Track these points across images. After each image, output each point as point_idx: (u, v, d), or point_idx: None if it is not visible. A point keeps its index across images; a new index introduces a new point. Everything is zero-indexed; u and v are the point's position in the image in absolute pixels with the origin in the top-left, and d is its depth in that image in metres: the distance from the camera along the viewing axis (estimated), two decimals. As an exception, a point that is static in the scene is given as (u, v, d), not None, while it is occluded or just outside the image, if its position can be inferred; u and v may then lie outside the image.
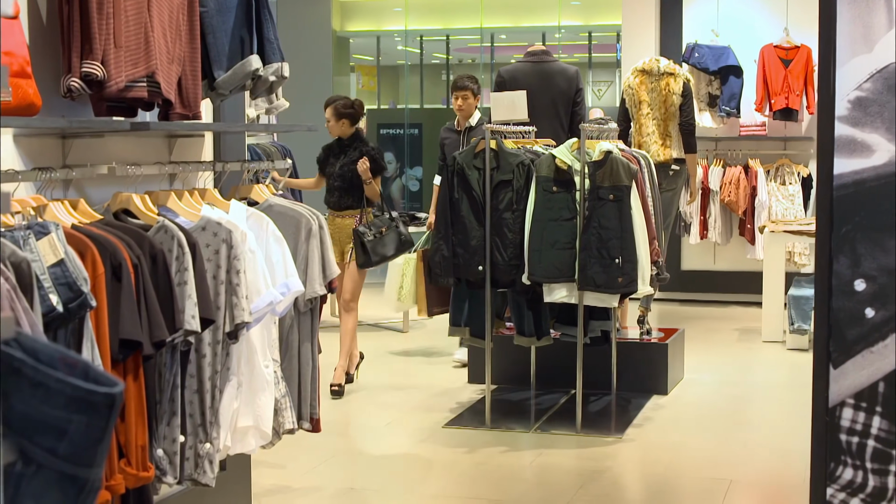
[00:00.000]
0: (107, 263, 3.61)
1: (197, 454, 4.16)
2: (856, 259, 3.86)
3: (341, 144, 8.33)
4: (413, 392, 8.06)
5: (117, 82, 3.96)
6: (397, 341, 10.38)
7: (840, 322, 3.88)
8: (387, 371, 9.02)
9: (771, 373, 8.99)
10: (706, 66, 11.65)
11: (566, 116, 8.54)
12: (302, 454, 6.39)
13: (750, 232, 11.61)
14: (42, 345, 1.70)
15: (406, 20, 19.41)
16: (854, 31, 3.82)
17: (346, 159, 8.20)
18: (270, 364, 4.52)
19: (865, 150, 3.83)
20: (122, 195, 4.17)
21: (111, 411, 1.74)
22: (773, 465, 6.36)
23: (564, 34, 19.49)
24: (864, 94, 3.82)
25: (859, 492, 3.92)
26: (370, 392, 8.16)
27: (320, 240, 4.77)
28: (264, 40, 4.73)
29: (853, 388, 3.90)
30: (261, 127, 7.98)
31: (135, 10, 4.05)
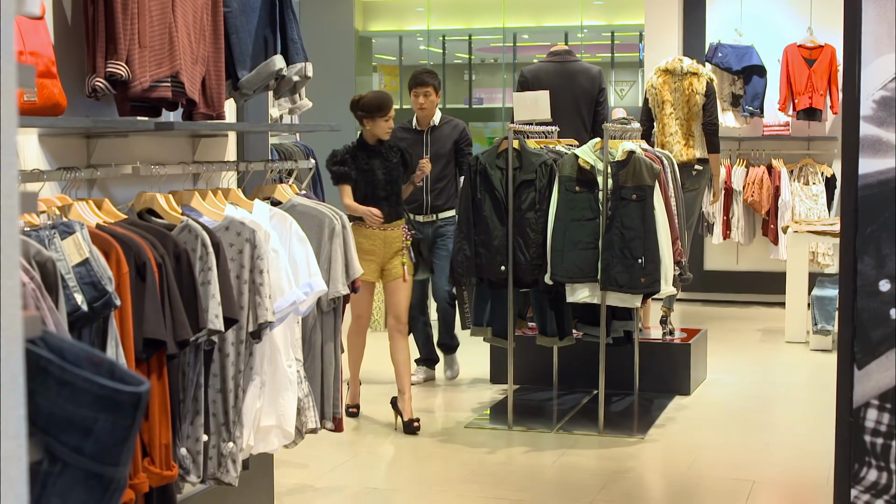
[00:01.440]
0: (131, 263, 3.62)
1: (220, 453, 4.17)
2: (880, 259, 3.84)
3: (371, 147, 7.11)
4: (435, 392, 8.06)
5: (142, 82, 3.97)
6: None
7: (864, 322, 3.87)
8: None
9: (794, 373, 8.96)
10: (729, 65, 11.61)
11: (589, 116, 8.52)
12: (324, 454, 6.40)
13: (773, 232, 11.57)
14: (68, 343, 1.71)
15: (428, 20, 19.41)
16: (879, 31, 3.81)
17: (388, 163, 7.08)
18: (293, 363, 4.53)
19: (890, 150, 3.82)
20: (146, 195, 4.18)
21: (137, 410, 1.75)
22: (796, 466, 6.34)
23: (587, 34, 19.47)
24: (889, 94, 3.80)
25: (884, 493, 3.90)
26: (393, 391, 8.16)
27: (343, 239, 4.78)
28: (288, 40, 4.74)
29: (878, 388, 3.88)
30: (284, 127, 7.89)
31: (159, 10, 4.06)
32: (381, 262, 7.05)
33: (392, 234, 7.06)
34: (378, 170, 7.02)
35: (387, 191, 7.02)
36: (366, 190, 7.00)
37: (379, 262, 7.04)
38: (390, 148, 7.11)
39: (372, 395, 7.91)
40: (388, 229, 7.03)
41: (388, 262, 7.06)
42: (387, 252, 7.04)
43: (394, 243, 7.05)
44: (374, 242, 7.01)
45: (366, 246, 6.91)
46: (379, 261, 7.04)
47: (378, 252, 7.02)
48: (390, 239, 7.05)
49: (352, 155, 7.07)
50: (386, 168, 7.03)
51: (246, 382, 4.27)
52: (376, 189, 7.02)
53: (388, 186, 7.02)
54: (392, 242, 7.05)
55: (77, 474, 1.71)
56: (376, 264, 7.03)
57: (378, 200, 6.99)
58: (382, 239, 7.02)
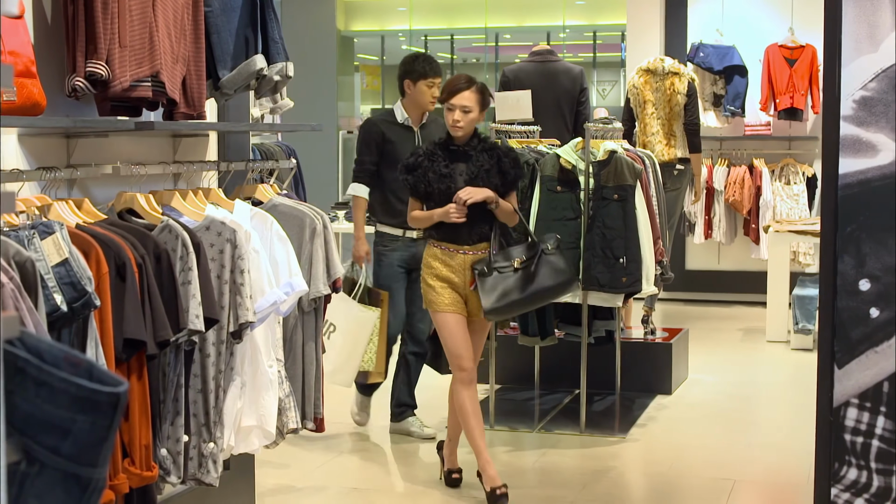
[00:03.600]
0: (111, 263, 3.61)
1: (201, 454, 4.16)
2: (860, 259, 3.85)
3: (455, 147, 5.65)
4: (418, 392, 8.04)
5: (122, 82, 3.96)
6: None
7: (844, 322, 3.88)
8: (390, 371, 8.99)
9: (775, 373, 8.98)
10: (711, 65, 11.63)
11: (570, 116, 8.53)
12: (305, 454, 6.39)
13: (754, 232, 11.59)
14: (46, 344, 1.70)
15: (410, 20, 19.40)
16: (859, 31, 3.82)
17: (475, 168, 5.58)
18: (274, 364, 4.52)
19: (870, 150, 3.83)
20: (126, 195, 4.17)
21: (115, 411, 1.74)
22: (777, 465, 6.35)
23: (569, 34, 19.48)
24: (869, 94, 3.82)
25: (864, 492, 3.91)
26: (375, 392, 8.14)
27: (324, 239, 4.77)
28: (269, 40, 4.73)
29: (858, 388, 3.90)
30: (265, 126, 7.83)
31: (139, 9, 4.05)
32: (463, 294, 5.62)
33: (476, 256, 5.60)
34: (461, 175, 5.58)
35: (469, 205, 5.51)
36: (441, 201, 5.54)
37: (461, 293, 5.62)
38: (483, 149, 5.63)
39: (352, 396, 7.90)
40: (471, 253, 5.59)
41: (471, 294, 5.61)
42: (468, 281, 5.60)
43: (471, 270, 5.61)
44: (452, 269, 5.59)
45: (442, 272, 5.60)
46: (461, 291, 5.61)
47: (457, 281, 5.60)
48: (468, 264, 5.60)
49: (428, 157, 5.64)
50: (472, 174, 5.56)
51: (227, 383, 4.26)
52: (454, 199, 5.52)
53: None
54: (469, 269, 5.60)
55: (55, 475, 1.71)
56: (458, 294, 5.61)
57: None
58: (462, 265, 5.59)
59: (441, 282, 5.61)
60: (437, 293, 5.60)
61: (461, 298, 5.63)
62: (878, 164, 3.82)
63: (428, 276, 5.63)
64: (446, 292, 5.60)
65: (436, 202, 5.56)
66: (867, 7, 3.80)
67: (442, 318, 5.60)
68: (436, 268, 5.61)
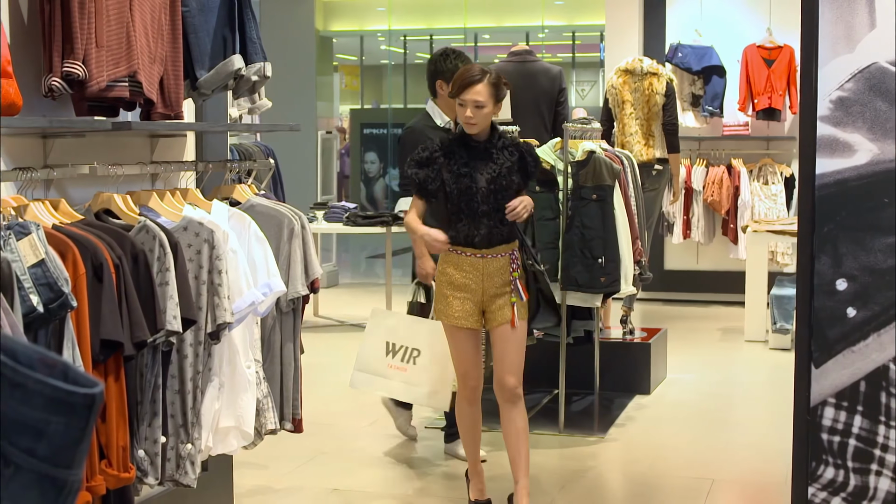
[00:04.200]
0: (88, 264, 3.60)
1: (178, 455, 4.15)
2: (837, 259, 3.87)
3: (474, 144, 5.22)
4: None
5: (98, 82, 3.94)
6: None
7: (821, 321, 3.90)
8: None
9: (753, 372, 9.00)
10: (689, 65, 11.66)
11: (549, 116, 8.52)
12: (284, 455, 6.38)
13: (733, 231, 11.63)
14: (21, 345, 1.69)
15: (389, 20, 19.40)
16: (836, 32, 3.83)
17: (497, 166, 5.19)
18: (252, 364, 4.51)
19: (847, 150, 3.84)
20: (103, 195, 4.15)
21: (90, 412, 1.73)
22: (755, 465, 6.37)
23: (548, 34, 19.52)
24: (845, 94, 3.83)
25: (841, 491, 3.93)
26: (353, 392, 8.14)
27: (303, 240, 4.77)
28: (247, 40, 4.72)
29: (835, 387, 3.91)
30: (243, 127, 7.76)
31: (116, 9, 4.04)
32: (480, 303, 5.22)
33: (493, 263, 5.19)
34: (481, 174, 5.17)
35: (490, 204, 5.15)
36: (459, 201, 5.15)
37: (477, 303, 5.22)
38: (504, 146, 5.24)
39: (330, 396, 7.89)
40: (489, 256, 5.18)
41: (489, 302, 5.22)
42: (488, 288, 5.20)
43: (496, 276, 5.19)
44: (468, 275, 5.19)
45: (457, 279, 5.19)
46: (477, 300, 5.21)
47: (475, 289, 5.19)
48: (491, 271, 5.19)
49: (445, 152, 5.22)
50: (493, 173, 5.16)
51: (204, 383, 4.25)
52: (473, 200, 5.14)
53: (492, 198, 5.15)
54: (493, 275, 5.19)
55: (30, 477, 1.70)
56: (473, 304, 5.21)
57: (476, 217, 5.15)
58: (480, 271, 5.17)
59: (456, 291, 5.20)
60: (449, 304, 5.21)
61: (477, 309, 5.23)
62: (855, 164, 3.83)
63: (443, 284, 5.23)
64: (458, 303, 5.20)
65: (453, 203, 5.14)
66: (844, 8, 3.82)
67: (451, 332, 5.27)
68: (450, 275, 5.21)
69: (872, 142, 3.80)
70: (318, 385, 7.90)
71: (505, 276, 5.21)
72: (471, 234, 5.17)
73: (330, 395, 7.91)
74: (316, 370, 7.99)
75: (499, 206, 5.15)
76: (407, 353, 5.98)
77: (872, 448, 3.88)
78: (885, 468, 3.88)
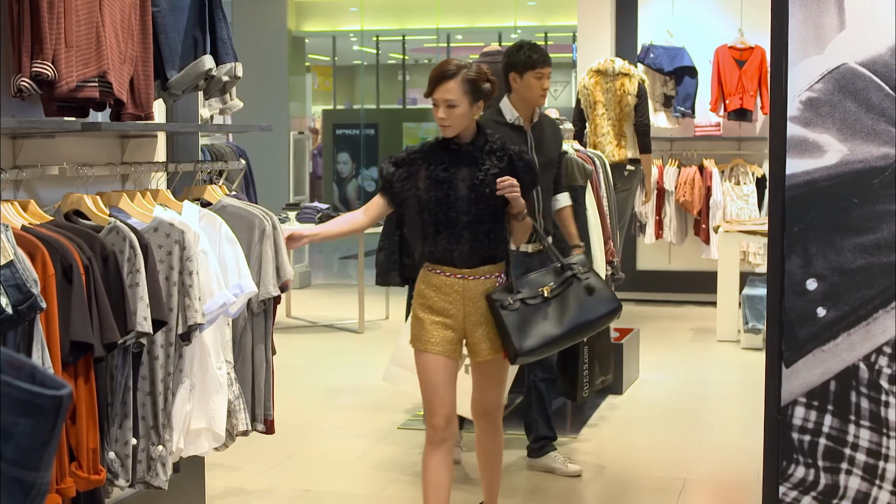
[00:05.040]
0: (57, 265, 3.58)
1: (149, 457, 4.14)
2: (807, 259, 3.88)
3: (456, 147, 4.62)
4: (368, 393, 8.04)
5: (68, 82, 3.92)
6: (353, 342, 10.35)
7: (792, 321, 3.91)
8: (342, 372, 8.99)
9: (725, 372, 9.04)
10: (661, 66, 11.69)
11: (521, 117, 8.54)
12: (256, 456, 6.36)
13: (705, 232, 11.66)
14: (-13, 348, 1.69)
15: (362, 20, 19.39)
16: (805, 33, 3.85)
17: (482, 173, 4.57)
18: (224, 366, 4.50)
19: (817, 151, 3.86)
20: (73, 196, 4.14)
21: (58, 414, 1.72)
22: (727, 464, 6.39)
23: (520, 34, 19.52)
24: (815, 95, 3.84)
25: (811, 490, 3.95)
26: (325, 393, 8.14)
27: (274, 241, 4.75)
28: (217, 40, 4.71)
29: (805, 386, 3.93)
30: (214, 127, 7.71)
31: (86, 9, 4.01)
32: (461, 330, 4.60)
33: (477, 286, 4.57)
34: (463, 181, 4.55)
35: (471, 215, 4.53)
36: (437, 211, 4.55)
37: (458, 330, 4.59)
38: (492, 150, 4.62)
39: (302, 397, 7.88)
40: (471, 278, 4.56)
41: (472, 331, 4.60)
42: (470, 314, 4.57)
43: (480, 301, 4.57)
44: (447, 298, 4.57)
45: (435, 302, 4.59)
46: (458, 327, 4.59)
47: (455, 314, 4.57)
48: (474, 294, 4.56)
49: (425, 156, 4.64)
50: (476, 180, 4.55)
51: (175, 385, 4.24)
52: (452, 210, 4.54)
53: (473, 208, 4.53)
54: (477, 300, 4.57)
55: (-3, 480, 1.69)
56: (453, 332, 4.59)
57: (456, 230, 4.53)
58: (461, 294, 4.56)
59: (433, 315, 4.58)
60: (425, 329, 4.59)
61: (456, 337, 4.60)
62: (825, 164, 3.85)
63: (418, 307, 4.63)
64: (436, 329, 4.57)
65: (430, 213, 4.56)
66: (813, 9, 3.83)
67: (423, 360, 4.60)
68: (428, 296, 4.60)
69: (842, 142, 3.82)
70: (290, 386, 7.88)
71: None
72: (450, 250, 4.56)
73: (302, 397, 7.89)
74: (288, 371, 7.98)
75: (481, 217, 4.53)
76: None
77: (842, 447, 3.90)
78: (855, 467, 3.90)
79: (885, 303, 3.82)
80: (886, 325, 3.82)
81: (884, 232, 3.81)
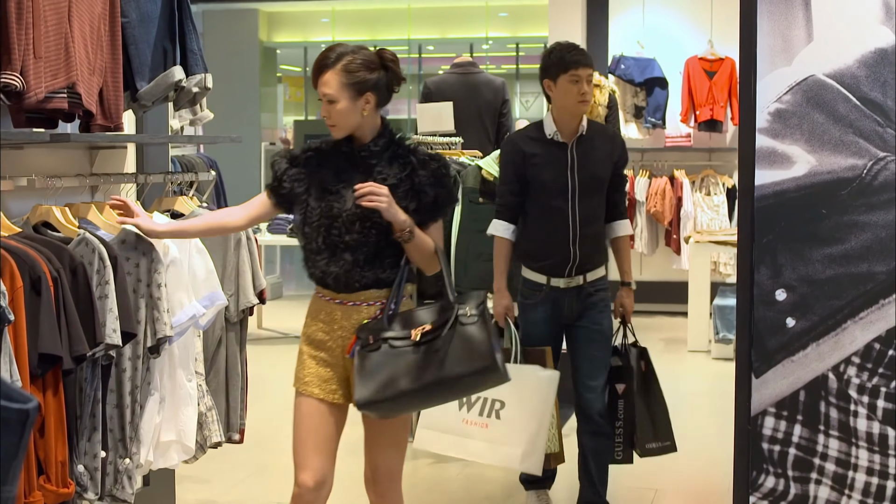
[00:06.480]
0: (25, 277, 3.56)
1: (117, 470, 4.12)
2: (777, 269, 3.90)
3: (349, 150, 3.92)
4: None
5: (37, 93, 3.90)
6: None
7: (761, 332, 3.92)
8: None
9: (696, 382, 9.05)
10: (632, 77, 11.73)
11: (492, 127, 8.56)
12: (227, 469, 6.33)
13: (675, 242, 11.69)
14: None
15: (333, 31, 19.39)
16: (774, 45, 3.86)
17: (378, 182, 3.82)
18: (193, 378, 4.49)
19: (786, 162, 3.87)
20: (41, 208, 4.12)
21: (24, 428, 1.72)
22: (698, 474, 6.40)
23: (492, 45, 19.59)
24: (784, 107, 3.86)
25: (781, 499, 3.96)
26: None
27: (248, 250, 4.76)
28: (187, 51, 4.70)
29: (774, 396, 3.94)
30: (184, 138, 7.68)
31: (55, 20, 4.00)
32: (341, 368, 3.92)
33: (356, 315, 3.87)
34: (351, 193, 3.81)
35: (354, 233, 3.82)
36: (319, 226, 3.85)
37: (337, 367, 3.93)
38: (397, 155, 3.90)
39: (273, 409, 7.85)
40: (350, 304, 3.87)
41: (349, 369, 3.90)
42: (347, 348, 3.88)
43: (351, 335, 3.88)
44: (327, 328, 3.90)
45: (314, 333, 3.95)
46: (337, 364, 3.92)
47: (332, 348, 3.91)
48: (353, 325, 3.87)
49: (321, 155, 3.95)
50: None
51: (144, 398, 4.22)
52: (334, 227, 3.84)
53: (357, 225, 3.81)
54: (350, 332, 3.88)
55: (-38, 494, 1.68)
56: (332, 369, 3.93)
57: (336, 249, 3.84)
58: (338, 324, 3.89)
59: (311, 348, 3.93)
60: (302, 364, 3.96)
61: (334, 376, 3.91)
62: (793, 175, 3.86)
63: (301, 338, 4.00)
64: (313, 365, 3.92)
65: (312, 227, 3.86)
66: (781, 21, 3.85)
67: (296, 403, 3.98)
68: (308, 326, 3.96)
69: (810, 153, 3.84)
70: (261, 398, 7.85)
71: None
72: (327, 272, 3.86)
73: (273, 409, 7.86)
74: (259, 383, 7.94)
75: (366, 238, 3.80)
76: (487, 406, 5.02)
77: (812, 457, 3.91)
78: (825, 476, 3.91)
79: (853, 313, 3.84)
80: (855, 335, 3.84)
81: (852, 243, 3.83)
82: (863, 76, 3.79)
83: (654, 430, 5.40)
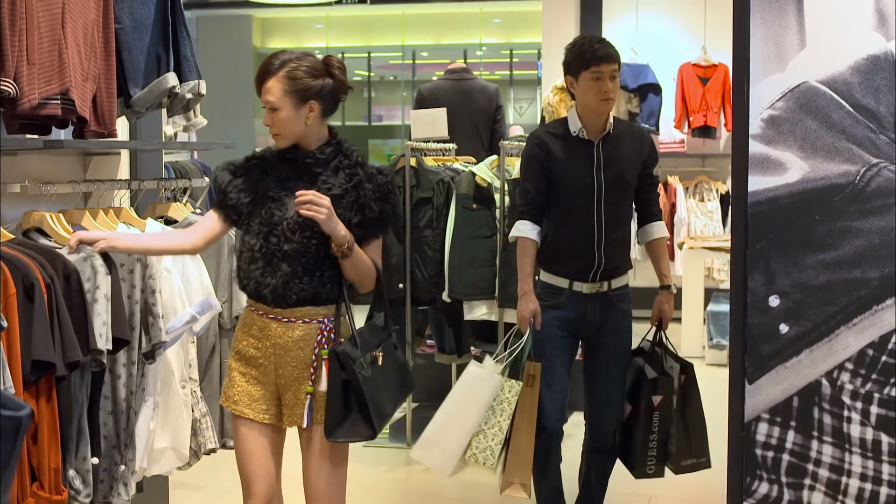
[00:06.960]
0: (18, 284, 3.56)
1: (111, 476, 4.11)
2: (770, 275, 3.90)
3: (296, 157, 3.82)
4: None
5: (30, 99, 3.90)
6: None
7: (755, 338, 3.92)
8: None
9: (690, 388, 9.03)
10: (625, 83, 11.74)
11: (486, 134, 8.57)
12: (220, 475, 6.32)
13: (669, 248, 11.69)
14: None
15: (327, 37, 19.39)
16: (767, 51, 3.87)
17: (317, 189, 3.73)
18: (188, 384, 4.48)
19: (779, 168, 3.88)
20: (35, 214, 4.11)
21: (17, 435, 1.71)
22: (692, 480, 6.39)
23: (486, 51, 19.57)
24: (777, 113, 3.87)
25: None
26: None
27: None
28: (181, 57, 4.70)
29: (768, 403, 3.94)
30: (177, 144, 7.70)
31: (48, 26, 4.00)
32: (273, 386, 3.80)
33: (291, 332, 3.74)
34: (290, 199, 3.73)
35: (294, 243, 3.70)
36: (259, 234, 3.74)
37: (269, 385, 3.80)
38: (341, 167, 3.79)
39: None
40: (285, 321, 3.74)
41: (285, 388, 3.78)
42: (281, 367, 3.76)
43: (294, 351, 3.75)
44: (258, 344, 3.78)
45: (245, 349, 3.83)
46: (269, 382, 3.80)
47: (265, 365, 3.78)
48: (287, 342, 3.75)
49: (263, 163, 3.87)
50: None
51: (138, 404, 4.21)
52: (273, 235, 3.73)
53: (298, 234, 3.69)
54: (290, 349, 3.75)
55: (-45, 502, 1.68)
56: (264, 388, 3.81)
57: (274, 259, 3.72)
58: (272, 340, 3.76)
59: (241, 364, 3.82)
60: (231, 381, 3.84)
61: (268, 395, 3.79)
62: (787, 181, 3.87)
63: (231, 354, 3.90)
64: (242, 382, 3.80)
65: (252, 236, 3.75)
66: (774, 28, 3.86)
67: (234, 423, 3.89)
68: (239, 340, 3.84)
69: (803, 160, 3.85)
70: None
71: (307, 352, 3.73)
72: (262, 283, 3.73)
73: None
74: None
75: (306, 248, 3.68)
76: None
77: (805, 463, 3.91)
78: (818, 482, 3.91)
79: (846, 319, 3.85)
80: (848, 341, 3.84)
81: (845, 249, 3.83)
82: (856, 83, 3.79)
83: (690, 447, 5.19)
